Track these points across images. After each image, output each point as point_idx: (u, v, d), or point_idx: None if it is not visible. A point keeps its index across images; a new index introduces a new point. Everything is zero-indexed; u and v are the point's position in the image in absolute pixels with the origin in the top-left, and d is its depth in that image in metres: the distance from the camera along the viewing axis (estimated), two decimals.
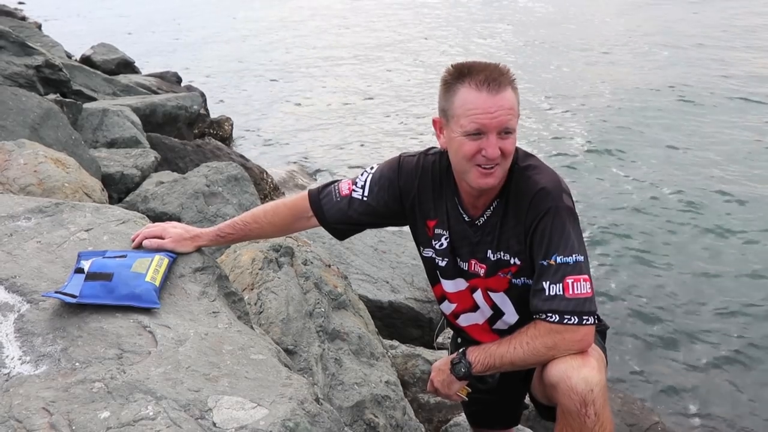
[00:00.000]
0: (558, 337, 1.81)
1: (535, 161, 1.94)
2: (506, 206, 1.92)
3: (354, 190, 2.06)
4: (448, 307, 2.18)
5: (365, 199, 2.05)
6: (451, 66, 1.84)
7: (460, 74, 1.80)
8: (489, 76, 1.77)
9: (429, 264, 2.13)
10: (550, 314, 1.81)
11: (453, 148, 1.86)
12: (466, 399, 2.11)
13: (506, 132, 1.79)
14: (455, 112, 1.81)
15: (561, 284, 1.80)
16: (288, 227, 2.19)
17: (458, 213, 2.00)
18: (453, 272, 2.07)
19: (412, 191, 2.04)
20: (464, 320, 2.17)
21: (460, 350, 2.00)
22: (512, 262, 1.94)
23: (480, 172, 1.82)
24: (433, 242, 2.06)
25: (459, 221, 2.00)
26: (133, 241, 1.96)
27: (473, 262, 2.02)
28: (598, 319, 1.99)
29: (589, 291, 1.82)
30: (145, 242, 1.93)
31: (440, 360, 2.12)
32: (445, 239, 2.03)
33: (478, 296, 2.07)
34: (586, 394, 1.77)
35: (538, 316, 1.84)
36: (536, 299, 1.85)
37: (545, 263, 1.83)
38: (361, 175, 2.10)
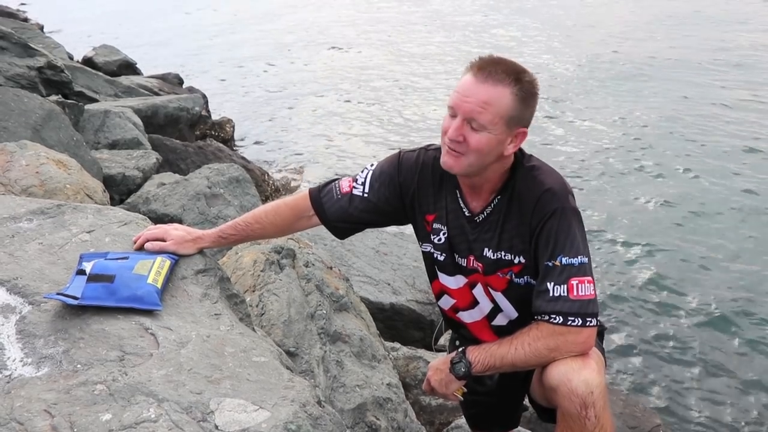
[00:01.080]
0: (561, 338, 1.81)
1: (539, 162, 1.94)
2: (509, 204, 1.92)
3: (354, 187, 2.07)
4: (447, 302, 2.17)
5: (366, 195, 2.05)
6: (478, 56, 1.87)
7: (476, 63, 1.83)
8: (487, 68, 1.78)
9: (428, 259, 2.13)
10: (553, 316, 1.81)
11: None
12: (462, 399, 2.10)
13: (474, 123, 1.78)
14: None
15: (565, 285, 1.80)
16: (290, 227, 2.19)
17: (458, 207, 2.00)
18: (452, 268, 2.07)
19: (411, 186, 2.04)
20: (462, 316, 2.17)
21: (460, 349, 1.98)
22: (516, 261, 1.94)
23: (446, 150, 1.85)
24: (432, 237, 2.06)
25: (458, 216, 2.00)
26: (135, 242, 1.96)
27: (471, 258, 2.02)
28: None
29: (593, 293, 1.82)
30: (147, 245, 1.93)
31: (437, 359, 2.11)
32: (443, 234, 2.03)
33: (478, 291, 2.07)
34: (586, 396, 1.77)
35: (540, 317, 1.84)
36: (540, 300, 1.84)
37: (550, 264, 1.83)
38: (362, 172, 2.10)
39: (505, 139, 1.82)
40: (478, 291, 2.07)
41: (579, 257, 1.82)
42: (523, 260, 1.93)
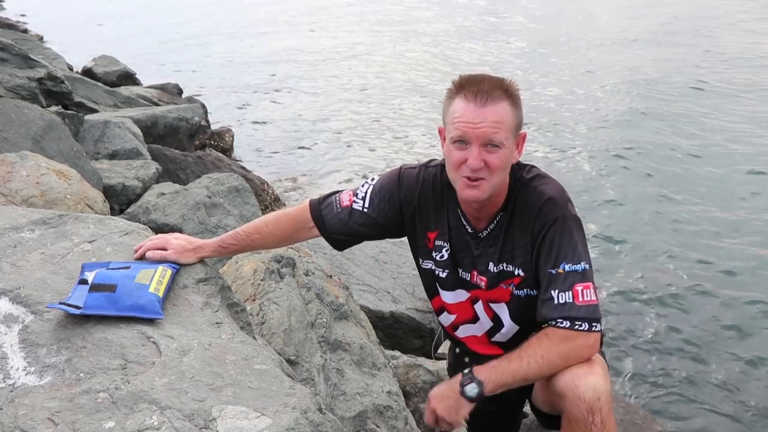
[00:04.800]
0: (572, 344, 1.82)
1: (539, 172, 1.97)
2: (511, 218, 1.94)
3: (355, 202, 2.08)
4: (446, 319, 2.19)
5: (366, 210, 2.07)
6: (457, 77, 1.88)
7: (460, 86, 1.84)
8: (482, 89, 1.80)
9: (428, 276, 2.14)
10: (560, 320, 1.82)
11: (445, 156, 1.91)
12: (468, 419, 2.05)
13: (492, 145, 1.80)
14: (447, 120, 1.87)
15: (570, 292, 1.82)
16: (289, 237, 2.21)
17: (461, 224, 2.01)
18: (453, 283, 2.08)
19: (412, 203, 2.05)
20: (463, 332, 2.17)
21: (465, 372, 1.91)
22: (516, 273, 1.96)
23: (465, 184, 1.85)
24: (434, 254, 2.08)
25: (461, 233, 2.02)
26: (136, 252, 1.97)
27: (475, 273, 2.03)
28: None
29: (595, 298, 1.85)
30: (149, 254, 1.94)
31: (438, 388, 2.01)
32: (446, 251, 2.05)
33: (478, 307, 2.08)
34: (593, 402, 1.78)
35: (547, 324, 1.85)
36: (545, 308, 1.86)
37: (554, 272, 1.84)
38: (362, 186, 2.12)
39: (513, 148, 1.87)
40: (479, 307, 2.08)
41: (581, 263, 1.84)
42: (522, 273, 1.95)
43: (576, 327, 1.81)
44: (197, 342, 1.61)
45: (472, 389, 1.86)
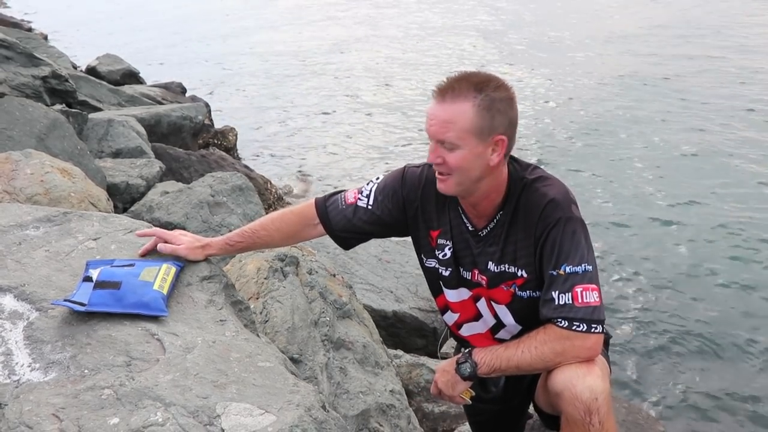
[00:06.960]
0: (567, 343, 1.82)
1: (542, 173, 1.96)
2: (513, 218, 1.94)
3: (359, 199, 2.09)
4: (450, 318, 2.19)
5: (370, 207, 2.08)
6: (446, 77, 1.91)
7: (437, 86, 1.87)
8: (451, 86, 1.80)
9: (432, 274, 2.15)
10: (559, 320, 1.83)
11: None
12: (470, 402, 2.11)
13: (447, 143, 1.80)
14: None
15: (570, 293, 1.82)
16: (295, 235, 2.21)
17: (461, 222, 2.02)
18: (456, 282, 2.09)
19: (415, 201, 2.06)
20: (467, 330, 2.18)
21: (467, 350, 2.01)
22: (519, 274, 1.96)
23: (437, 176, 1.90)
24: (437, 252, 2.08)
25: (462, 231, 2.02)
26: (142, 247, 1.98)
27: (476, 272, 2.03)
28: None
29: (598, 300, 1.84)
30: (159, 246, 1.95)
31: (445, 361, 2.13)
32: (449, 249, 2.05)
33: (481, 305, 2.09)
34: (590, 402, 1.78)
35: (547, 322, 1.86)
36: (545, 308, 1.86)
37: (555, 273, 1.85)
38: (367, 184, 2.13)
39: (484, 150, 1.82)
40: (482, 305, 2.09)
41: (583, 265, 1.84)
42: (526, 274, 1.95)
43: (574, 328, 1.82)
44: (201, 339, 1.62)
45: (465, 368, 1.97)
